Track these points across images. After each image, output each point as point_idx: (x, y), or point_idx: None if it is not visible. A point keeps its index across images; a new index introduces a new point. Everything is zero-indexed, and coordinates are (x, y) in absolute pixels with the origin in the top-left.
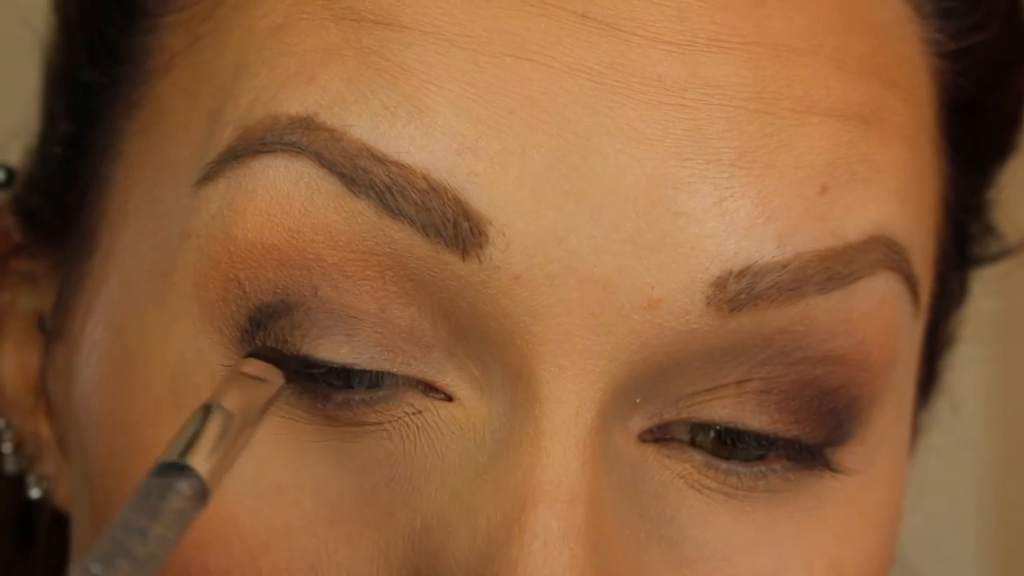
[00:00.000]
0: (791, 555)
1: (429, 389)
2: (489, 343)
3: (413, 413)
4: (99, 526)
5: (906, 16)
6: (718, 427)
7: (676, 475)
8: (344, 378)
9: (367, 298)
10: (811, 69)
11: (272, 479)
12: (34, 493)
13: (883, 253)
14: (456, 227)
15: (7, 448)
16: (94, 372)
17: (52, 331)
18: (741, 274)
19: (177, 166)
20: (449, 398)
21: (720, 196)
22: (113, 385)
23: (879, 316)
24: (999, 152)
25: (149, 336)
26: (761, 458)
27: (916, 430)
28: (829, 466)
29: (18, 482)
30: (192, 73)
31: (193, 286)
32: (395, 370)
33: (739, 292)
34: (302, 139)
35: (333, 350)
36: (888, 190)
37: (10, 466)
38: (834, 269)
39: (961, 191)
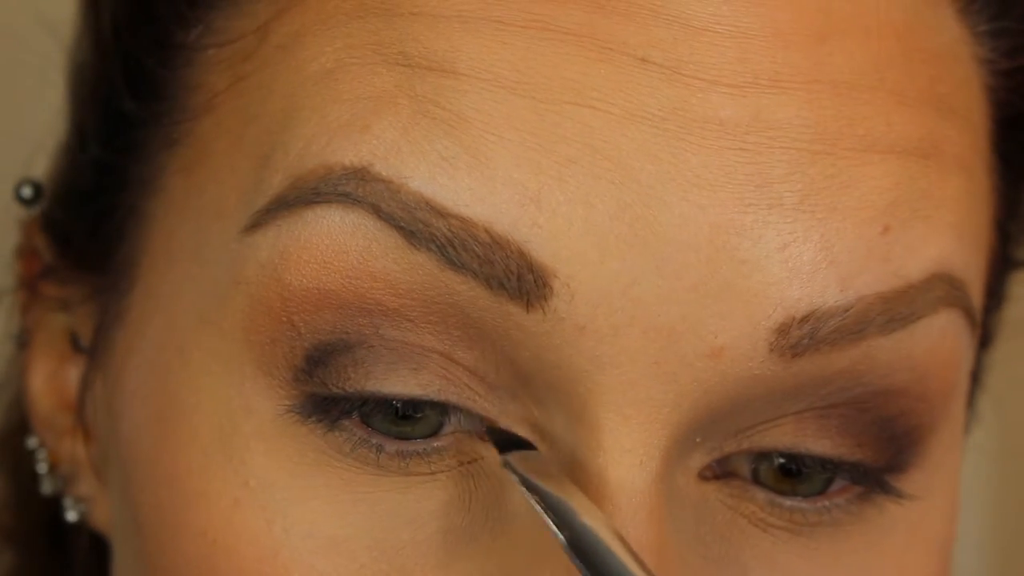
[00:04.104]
0: None
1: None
2: (552, 390)
3: (469, 462)
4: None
5: (961, 37)
6: (780, 452)
7: (739, 515)
8: (408, 413)
9: (430, 338)
10: (872, 106)
11: (326, 532)
12: (71, 516)
13: (944, 291)
14: (520, 279)
15: (42, 468)
16: (138, 415)
17: (91, 361)
18: (804, 320)
19: (223, 210)
20: None
21: (783, 242)
22: (159, 432)
23: (941, 351)
24: None
25: (195, 383)
26: (823, 491)
27: None
28: (893, 492)
29: (54, 503)
30: (237, 115)
31: (243, 331)
32: (460, 404)
33: (802, 338)
34: (357, 190)
35: (401, 383)
36: (947, 225)
37: (46, 487)
38: (896, 310)
39: (1006, 202)
